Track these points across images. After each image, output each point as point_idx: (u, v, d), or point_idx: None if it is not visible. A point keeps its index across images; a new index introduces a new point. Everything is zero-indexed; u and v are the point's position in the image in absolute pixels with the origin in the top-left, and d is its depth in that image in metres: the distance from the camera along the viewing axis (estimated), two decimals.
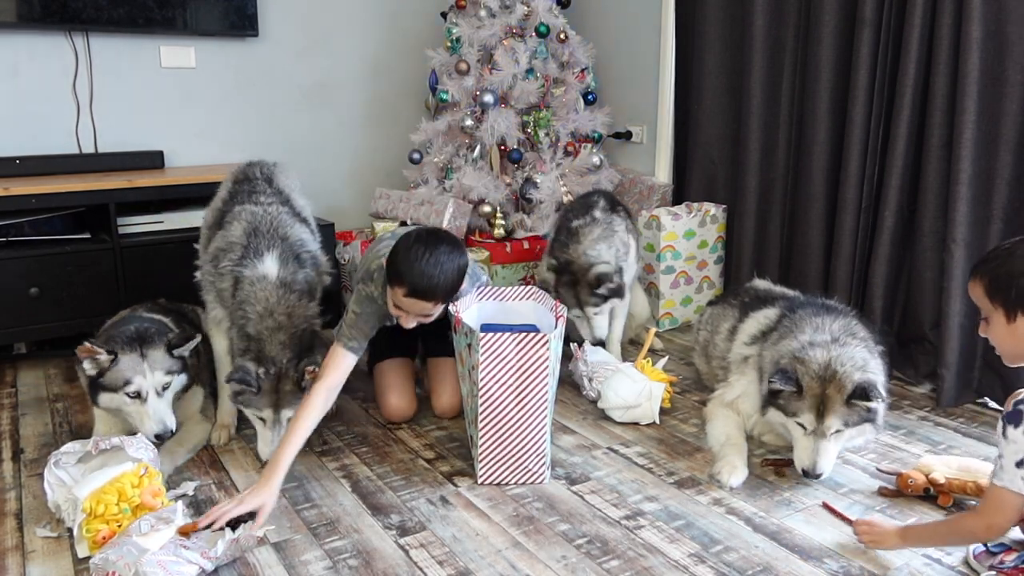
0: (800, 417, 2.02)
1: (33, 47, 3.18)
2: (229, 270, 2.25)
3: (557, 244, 2.86)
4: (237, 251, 2.26)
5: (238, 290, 2.22)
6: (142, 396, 2.10)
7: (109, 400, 2.11)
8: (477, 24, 3.54)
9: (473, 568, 1.74)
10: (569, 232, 2.82)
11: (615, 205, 2.97)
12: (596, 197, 2.98)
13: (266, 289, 2.19)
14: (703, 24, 3.41)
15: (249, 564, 1.76)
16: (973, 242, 2.54)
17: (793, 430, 2.07)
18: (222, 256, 2.28)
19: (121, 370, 2.08)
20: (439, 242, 2.04)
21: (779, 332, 2.25)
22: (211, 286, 2.33)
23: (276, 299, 2.18)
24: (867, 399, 1.97)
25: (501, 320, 2.44)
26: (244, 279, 2.22)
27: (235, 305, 2.22)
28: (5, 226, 2.87)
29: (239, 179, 2.51)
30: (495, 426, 2.05)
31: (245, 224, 2.30)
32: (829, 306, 2.31)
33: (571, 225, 2.83)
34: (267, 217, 2.33)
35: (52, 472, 1.90)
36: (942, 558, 1.76)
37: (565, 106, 3.66)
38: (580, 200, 3.02)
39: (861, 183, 2.85)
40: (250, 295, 2.19)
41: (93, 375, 2.09)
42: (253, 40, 3.62)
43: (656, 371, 2.53)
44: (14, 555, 1.80)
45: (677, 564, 1.75)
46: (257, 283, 2.20)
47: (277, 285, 2.20)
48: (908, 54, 2.62)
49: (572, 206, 3.00)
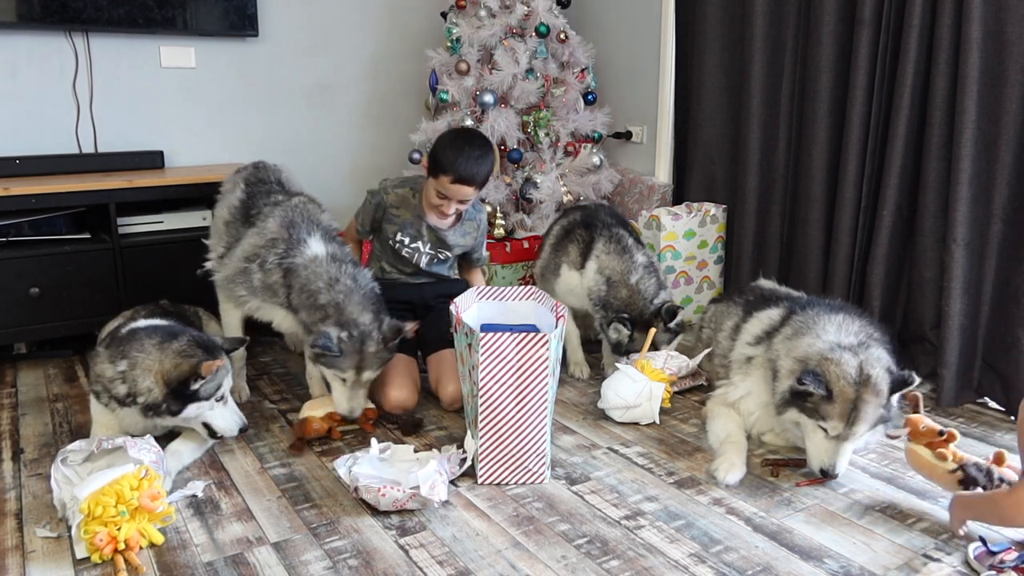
0: (828, 421, 1.99)
1: (33, 47, 3.18)
2: (277, 264, 2.36)
3: (611, 292, 2.67)
4: (280, 245, 2.36)
5: (294, 279, 2.33)
6: (224, 398, 2.16)
7: (195, 410, 2.09)
8: (477, 24, 3.54)
9: (473, 568, 1.74)
10: (624, 276, 2.67)
11: (625, 221, 2.91)
12: (612, 221, 2.84)
13: (322, 266, 2.33)
14: (703, 24, 3.41)
15: (249, 564, 1.76)
16: (973, 242, 2.54)
17: (812, 432, 2.04)
18: (265, 253, 2.38)
19: (219, 376, 2.10)
20: (475, 138, 2.54)
21: (791, 328, 2.22)
22: (244, 283, 2.41)
23: (337, 270, 2.33)
24: (906, 386, 2.01)
25: (501, 320, 2.44)
26: (297, 267, 2.34)
27: (297, 292, 2.32)
28: (5, 226, 2.87)
29: (251, 181, 2.64)
30: (495, 426, 2.05)
31: (279, 219, 2.41)
32: (842, 306, 2.30)
33: (623, 269, 2.67)
34: (297, 208, 2.46)
35: (59, 469, 1.91)
36: (942, 558, 1.76)
37: (565, 106, 3.66)
38: (602, 229, 2.80)
39: (860, 183, 2.85)
40: (310, 277, 2.31)
41: (195, 389, 2.05)
42: (253, 40, 3.62)
43: (656, 371, 2.53)
44: (14, 555, 1.80)
45: (677, 564, 1.75)
46: (312, 265, 2.33)
47: (330, 260, 2.34)
48: (907, 54, 2.62)
49: (598, 234, 2.79)
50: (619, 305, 2.66)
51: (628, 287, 2.67)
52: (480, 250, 2.86)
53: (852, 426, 1.98)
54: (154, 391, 2.04)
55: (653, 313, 2.65)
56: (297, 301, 2.34)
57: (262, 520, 1.93)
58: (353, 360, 2.28)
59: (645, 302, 2.65)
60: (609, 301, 2.68)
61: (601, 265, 2.73)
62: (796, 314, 2.28)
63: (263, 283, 2.39)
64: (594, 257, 2.76)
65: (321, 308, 2.29)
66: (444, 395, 2.57)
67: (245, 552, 1.80)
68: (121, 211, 3.03)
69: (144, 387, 2.04)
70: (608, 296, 2.69)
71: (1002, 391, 2.54)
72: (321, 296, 2.30)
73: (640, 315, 2.64)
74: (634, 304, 2.65)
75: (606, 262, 2.72)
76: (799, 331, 2.19)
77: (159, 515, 1.85)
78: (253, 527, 1.90)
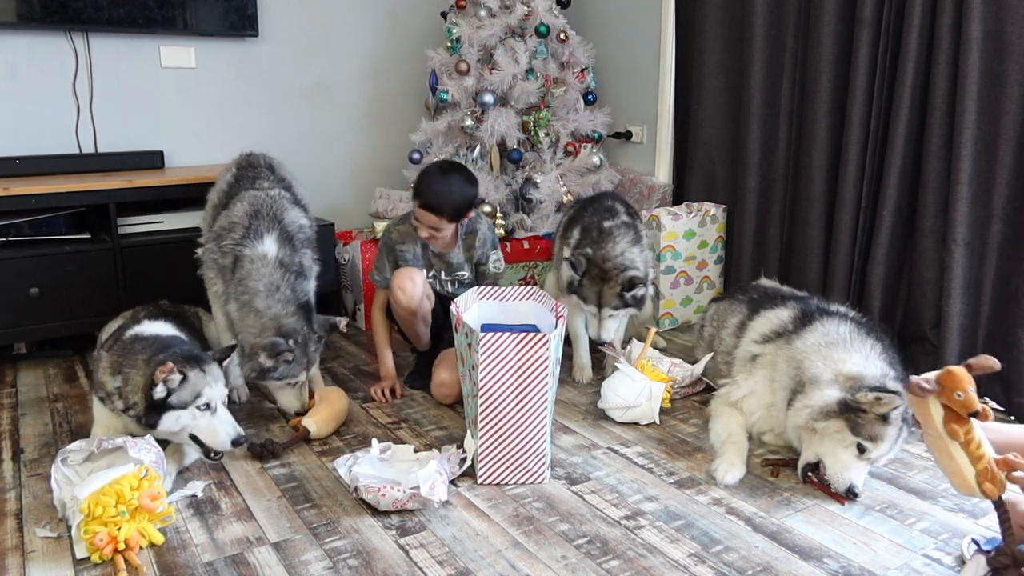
0: (874, 443, 1.97)
1: (33, 47, 3.19)
2: (231, 248, 2.39)
3: (587, 240, 2.72)
4: (238, 231, 2.40)
5: (238, 268, 2.36)
6: (212, 408, 2.08)
7: (175, 420, 2.03)
8: (477, 24, 3.54)
9: (473, 568, 1.74)
10: (601, 232, 2.71)
11: (635, 213, 2.92)
12: (615, 202, 2.88)
13: (267, 267, 2.36)
14: (703, 24, 3.41)
15: (249, 564, 1.76)
16: (973, 242, 2.54)
17: (845, 448, 2.01)
18: (224, 235, 2.42)
19: (193, 384, 2.03)
20: (454, 170, 2.56)
21: (820, 336, 2.20)
22: (213, 263, 2.47)
23: (280, 277, 2.36)
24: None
25: (501, 320, 2.44)
26: (243, 258, 2.37)
27: (235, 282, 2.35)
28: (5, 226, 2.87)
29: (242, 165, 2.67)
30: (495, 426, 2.05)
31: (247, 206, 2.45)
32: (870, 326, 2.28)
33: (603, 225, 2.72)
34: (267, 201, 2.49)
35: (59, 469, 1.91)
36: (942, 558, 1.76)
37: (565, 106, 3.66)
38: (598, 202, 2.89)
39: (860, 183, 2.85)
40: (251, 273, 2.35)
41: (162, 397, 2.01)
42: (253, 40, 3.62)
43: (656, 371, 2.53)
44: (14, 555, 1.80)
45: (677, 564, 1.75)
46: (258, 262, 2.37)
47: (276, 264, 2.38)
48: (907, 54, 2.62)
49: (592, 207, 2.86)
50: (596, 258, 2.66)
51: (600, 248, 2.68)
52: (489, 263, 2.76)
53: (889, 452, 2.02)
54: (140, 405, 2.03)
55: (613, 271, 2.62)
56: (232, 290, 2.36)
57: (262, 520, 1.93)
58: (302, 364, 2.37)
59: (611, 262, 2.64)
60: (587, 252, 2.69)
61: (583, 229, 2.78)
62: (821, 320, 2.26)
63: (218, 265, 2.43)
64: (578, 228, 2.81)
65: (256, 314, 2.32)
66: (435, 381, 2.62)
67: (245, 552, 1.80)
68: (121, 211, 3.03)
69: (134, 402, 2.04)
70: (584, 248, 2.71)
71: (1002, 391, 2.54)
72: (259, 300, 2.32)
73: (599, 268, 2.63)
74: (597, 260, 2.65)
75: (587, 231, 2.76)
76: (835, 343, 2.16)
77: (159, 515, 1.85)
78: (253, 527, 1.90)
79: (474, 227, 2.71)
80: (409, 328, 2.69)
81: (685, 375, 2.64)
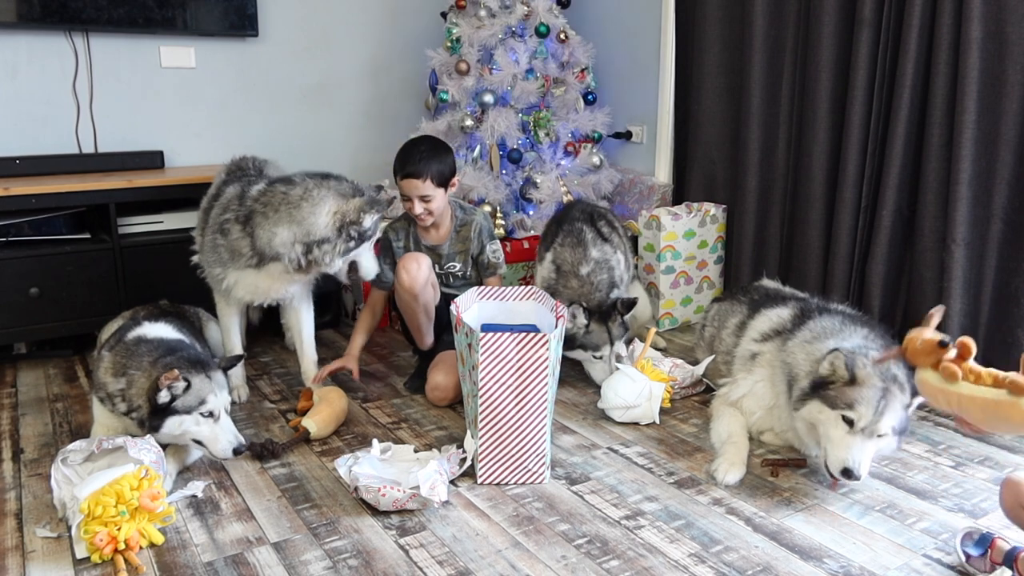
0: (855, 409, 1.91)
1: (33, 47, 3.19)
2: (233, 218, 2.38)
3: (565, 288, 2.70)
4: (234, 203, 2.41)
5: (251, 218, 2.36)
6: (215, 415, 2.08)
7: (177, 424, 2.04)
8: (477, 24, 3.54)
9: (473, 568, 1.74)
10: (580, 278, 2.70)
11: (595, 222, 2.87)
12: (582, 224, 2.82)
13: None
14: (703, 24, 3.41)
15: (249, 564, 1.76)
16: (973, 242, 2.54)
17: (833, 427, 1.95)
18: (222, 217, 2.41)
19: (197, 391, 2.04)
20: (422, 138, 2.65)
21: (810, 332, 2.20)
22: (211, 263, 2.46)
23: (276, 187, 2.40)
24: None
25: (501, 320, 2.44)
26: (248, 200, 2.38)
27: (254, 202, 2.37)
28: (5, 226, 2.87)
29: (231, 169, 2.70)
30: (495, 426, 2.05)
31: (236, 187, 2.47)
32: (866, 320, 2.28)
33: (581, 273, 2.70)
34: (259, 198, 2.43)
35: (59, 469, 1.90)
36: (942, 558, 1.76)
37: (565, 106, 3.66)
38: (569, 231, 2.82)
39: (860, 183, 2.85)
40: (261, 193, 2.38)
41: (166, 402, 2.01)
42: (253, 40, 3.62)
43: (656, 371, 2.53)
44: (14, 555, 1.80)
45: (677, 564, 1.75)
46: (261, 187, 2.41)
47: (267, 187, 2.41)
48: (907, 54, 2.62)
49: (562, 234, 2.81)
50: (571, 295, 2.68)
51: (578, 278, 2.70)
52: (487, 252, 2.76)
53: (879, 418, 1.91)
54: (144, 408, 2.04)
55: (611, 306, 2.64)
56: (257, 227, 2.34)
57: (262, 520, 1.93)
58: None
59: (601, 295, 2.66)
60: (558, 290, 2.71)
61: (556, 255, 2.77)
62: (814, 318, 2.26)
63: (228, 248, 2.40)
64: (553, 248, 2.81)
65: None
66: (429, 384, 2.61)
67: (245, 552, 1.80)
68: (121, 211, 3.03)
69: (137, 405, 2.05)
70: (557, 284, 2.72)
71: None
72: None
73: (599, 308, 2.64)
74: (589, 296, 2.67)
75: (560, 253, 2.76)
76: (819, 336, 2.16)
77: (159, 515, 1.85)
78: (253, 527, 1.90)
79: (468, 218, 2.74)
80: (411, 318, 2.66)
81: (686, 375, 2.64)
